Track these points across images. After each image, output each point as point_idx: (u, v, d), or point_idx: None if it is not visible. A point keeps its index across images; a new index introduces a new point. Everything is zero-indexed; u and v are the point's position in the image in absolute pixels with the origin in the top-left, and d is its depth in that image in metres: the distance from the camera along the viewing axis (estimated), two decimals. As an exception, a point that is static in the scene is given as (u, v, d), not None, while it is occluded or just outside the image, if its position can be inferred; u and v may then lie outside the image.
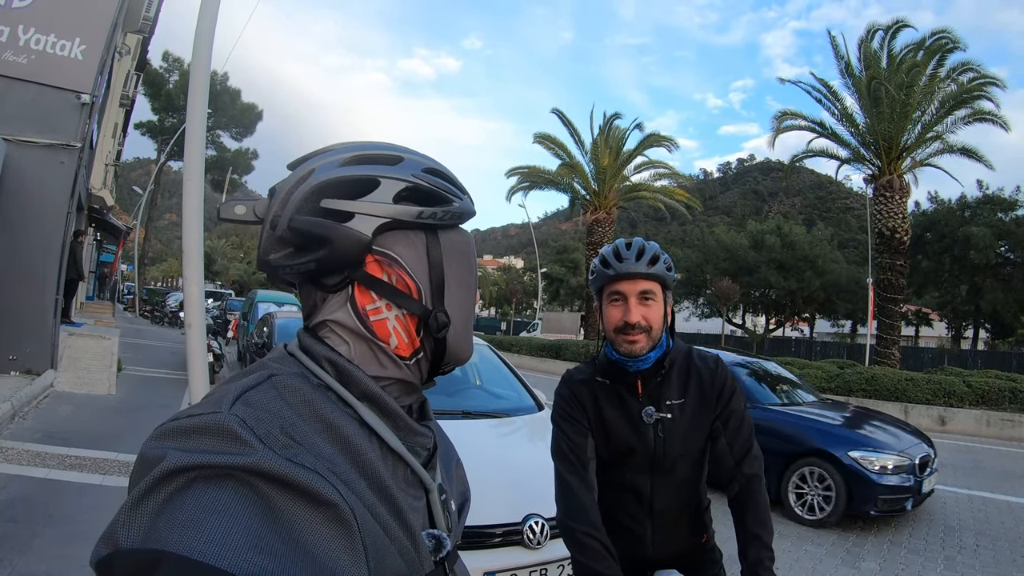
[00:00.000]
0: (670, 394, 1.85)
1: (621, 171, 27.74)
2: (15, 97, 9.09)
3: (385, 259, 0.78)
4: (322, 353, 0.76)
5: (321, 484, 0.59)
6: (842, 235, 46.39)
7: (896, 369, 16.77)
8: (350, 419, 0.72)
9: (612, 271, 1.79)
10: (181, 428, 0.60)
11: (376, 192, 0.77)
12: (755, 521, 1.77)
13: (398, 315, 0.79)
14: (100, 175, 20.88)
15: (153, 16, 17.54)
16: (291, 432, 0.63)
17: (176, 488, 0.55)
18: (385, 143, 0.84)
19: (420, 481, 0.78)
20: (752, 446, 1.86)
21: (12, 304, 8.91)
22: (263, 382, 0.69)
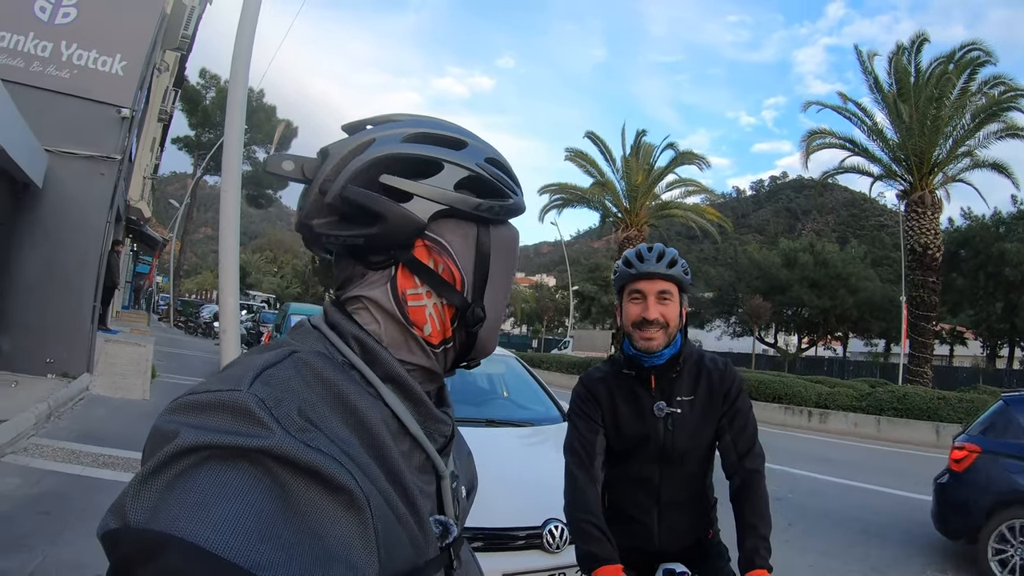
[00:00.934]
0: (681, 391, 1.96)
1: (652, 189, 27.69)
2: (57, 110, 9.46)
3: (436, 246, 0.76)
4: (350, 330, 0.74)
5: (337, 469, 0.57)
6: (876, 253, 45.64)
7: (928, 388, 16.45)
8: (371, 400, 0.70)
9: (634, 270, 1.93)
10: (198, 403, 0.58)
11: (438, 176, 0.75)
12: (753, 512, 1.86)
13: (437, 303, 0.77)
14: (138, 187, 21.44)
15: (191, 34, 18.03)
16: (309, 414, 0.61)
17: (188, 465, 0.53)
18: (450, 123, 0.82)
19: (434, 467, 0.77)
20: (755, 444, 1.97)
21: (51, 309, 9.21)
22: (284, 359, 0.66)
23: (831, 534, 6.31)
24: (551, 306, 67.36)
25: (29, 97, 8.87)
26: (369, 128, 0.79)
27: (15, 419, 6.20)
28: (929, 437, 13.43)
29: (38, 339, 9.07)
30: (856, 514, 7.05)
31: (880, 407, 14.59)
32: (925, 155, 18.75)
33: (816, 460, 10.37)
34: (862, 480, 8.89)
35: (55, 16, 9.56)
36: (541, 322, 66.74)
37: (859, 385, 17.01)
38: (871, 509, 7.31)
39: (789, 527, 6.29)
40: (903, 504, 7.63)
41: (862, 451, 12.22)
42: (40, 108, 9.07)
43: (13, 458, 5.69)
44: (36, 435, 6.45)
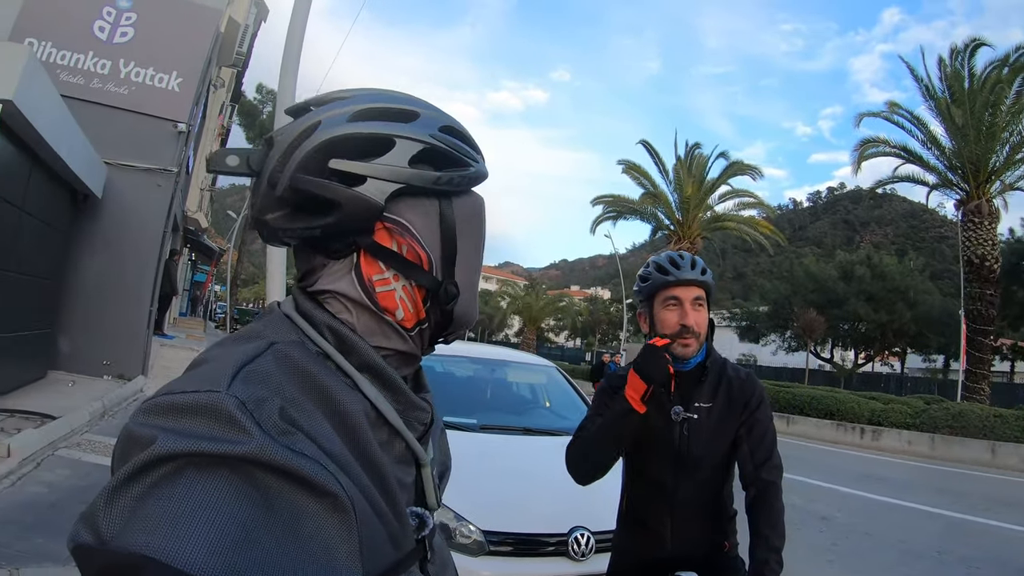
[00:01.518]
0: (701, 397, 1.96)
1: (705, 200, 27.28)
2: (116, 125, 9.96)
3: (396, 227, 0.73)
4: (323, 320, 0.71)
5: (320, 473, 0.56)
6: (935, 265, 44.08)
7: (985, 405, 15.83)
8: (349, 391, 0.68)
9: (672, 277, 1.92)
10: (175, 405, 0.56)
11: (390, 154, 0.71)
12: (767, 523, 1.84)
13: (406, 285, 0.74)
14: (196, 199, 22.16)
15: (246, 51, 18.62)
16: (291, 413, 0.59)
17: (164, 474, 0.51)
18: (400, 94, 0.78)
19: (413, 456, 0.75)
20: (773, 455, 1.94)
21: (109, 314, 9.67)
22: (263, 352, 0.64)
23: (874, 555, 6.13)
24: (604, 319, 66.92)
25: (89, 112, 9.36)
26: (313, 110, 0.74)
27: (69, 416, 6.51)
28: (984, 456, 12.96)
29: (96, 342, 9.52)
30: (901, 535, 6.81)
31: (935, 425, 14.15)
32: (981, 162, 18.10)
33: (866, 479, 10.06)
34: (911, 500, 8.60)
35: (113, 35, 10.08)
36: (594, 335, 66.33)
37: (914, 402, 16.48)
38: (919, 530, 7.06)
39: (833, 547, 6.15)
40: (952, 526, 7.36)
41: (914, 470, 11.82)
42: (100, 123, 9.56)
43: (66, 451, 5.96)
44: (89, 431, 6.75)
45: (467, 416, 4.03)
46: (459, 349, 5.33)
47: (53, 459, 5.68)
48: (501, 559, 2.94)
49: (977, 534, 7.04)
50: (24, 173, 7.28)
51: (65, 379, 8.69)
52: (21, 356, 7.95)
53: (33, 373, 8.49)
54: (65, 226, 9.26)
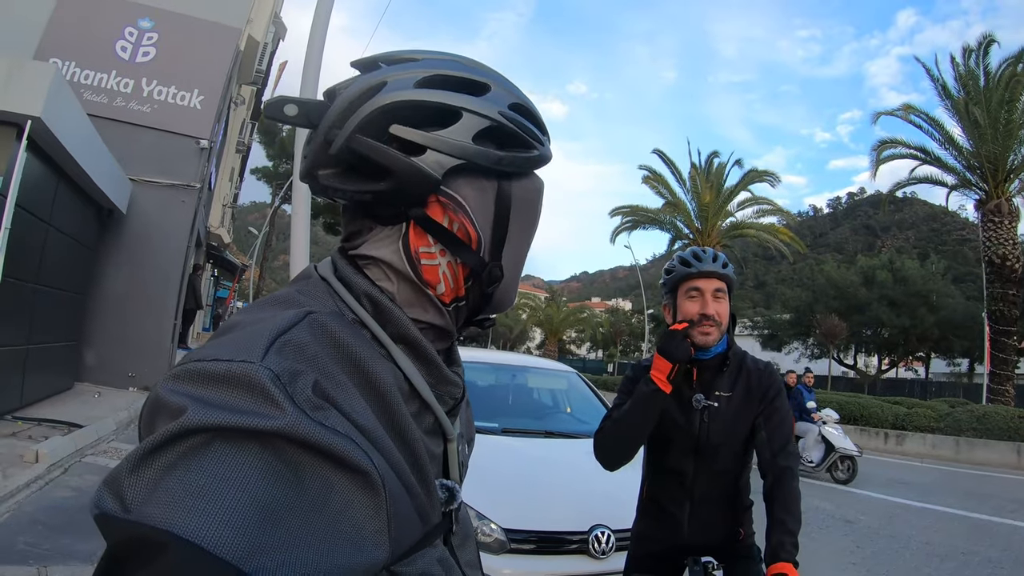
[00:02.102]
0: (721, 386, 2.03)
1: (724, 208, 27.21)
2: (139, 142, 10.19)
3: (451, 203, 0.71)
4: (362, 287, 0.71)
5: (353, 450, 0.55)
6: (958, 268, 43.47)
7: (1010, 407, 15.61)
8: (382, 362, 0.67)
9: (694, 268, 2.02)
10: (207, 373, 0.54)
11: (455, 126, 0.68)
12: (783, 508, 1.89)
13: (451, 262, 0.72)
14: (218, 215, 22.45)
15: (265, 69, 18.95)
16: (325, 387, 0.58)
17: (193, 446, 0.50)
18: (473, 62, 0.76)
19: (442, 430, 0.74)
20: (789, 442, 2.01)
21: (134, 327, 9.85)
22: (299, 322, 0.62)
23: (898, 557, 6.07)
24: (626, 330, 66.66)
25: (113, 130, 9.57)
26: (382, 68, 0.72)
27: (96, 424, 6.65)
28: (1010, 458, 12.81)
29: (121, 354, 9.70)
30: (926, 537, 6.74)
31: (959, 427, 13.97)
32: (999, 161, 17.92)
33: (891, 483, 9.95)
34: (936, 503, 8.50)
35: (135, 55, 10.34)
36: (616, 346, 66.09)
37: (938, 405, 16.26)
38: (944, 532, 6.98)
39: (857, 549, 6.10)
40: (978, 528, 7.27)
41: (939, 473, 11.68)
42: (124, 140, 9.78)
43: (93, 458, 6.10)
44: (116, 440, 6.90)
45: (489, 420, 4.08)
46: (481, 356, 5.38)
47: (80, 465, 5.82)
48: (523, 557, 2.97)
49: (1004, 535, 6.94)
50: (51, 189, 7.47)
51: (91, 390, 8.86)
52: (48, 368, 8.11)
53: (60, 384, 8.66)
54: (91, 241, 9.47)
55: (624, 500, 2.49)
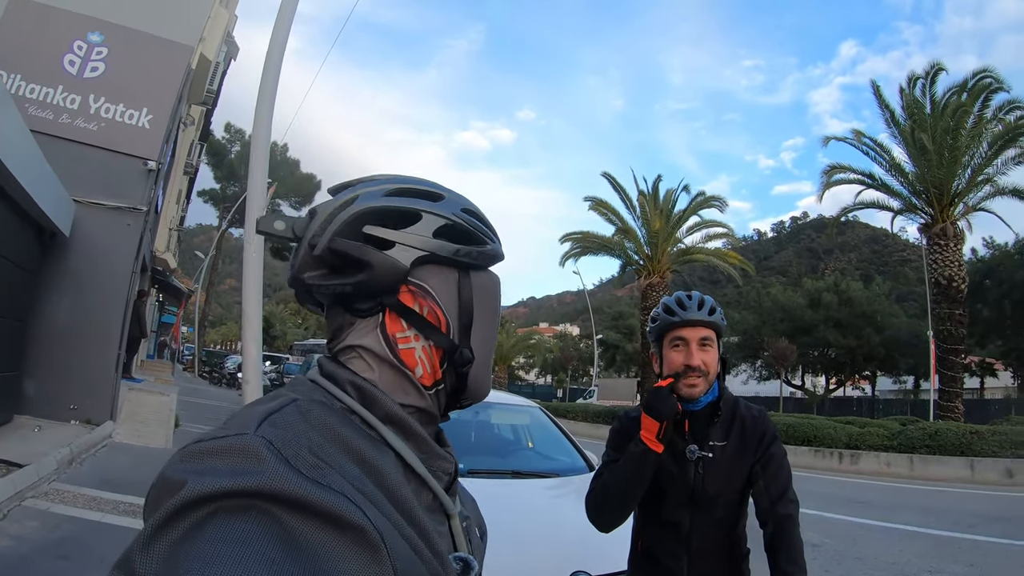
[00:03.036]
0: (714, 436, 1.97)
1: (673, 234, 27.58)
2: (85, 162, 9.76)
3: (419, 290, 0.79)
4: (345, 377, 0.76)
5: (347, 507, 0.58)
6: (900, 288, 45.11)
7: (960, 423, 16.08)
8: (374, 442, 0.71)
9: (678, 318, 1.95)
10: (206, 449, 0.59)
11: (417, 225, 0.78)
12: (787, 560, 1.84)
13: (425, 346, 0.79)
14: (164, 239, 21.86)
15: (216, 89, 18.56)
16: (318, 452, 0.62)
17: (197, 520, 0.53)
18: (427, 180, 0.86)
19: (442, 506, 0.78)
20: (788, 490, 1.96)
21: (76, 357, 9.34)
22: (287, 405, 0.68)
23: (868, 579, 6.10)
24: (574, 355, 67.05)
25: (58, 148, 9.17)
26: (353, 188, 0.83)
27: (37, 464, 6.23)
28: (964, 473, 13.11)
29: (63, 385, 9.17)
30: (894, 557, 6.80)
31: (912, 445, 14.25)
32: (944, 186, 18.61)
33: (850, 503, 10.08)
34: (898, 521, 8.61)
35: (84, 70, 9.94)
36: (565, 371, 66.38)
37: (890, 424, 16.63)
38: (909, 551, 7.06)
39: (826, 573, 6.10)
40: (941, 545, 7.37)
41: (896, 491, 11.87)
42: (68, 159, 9.37)
43: (33, 502, 5.69)
44: (57, 480, 6.47)
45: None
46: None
47: (20, 510, 5.42)
48: (498, 613, 2.83)
49: (967, 551, 7.06)
50: (-12, 210, 7.06)
51: (31, 424, 8.35)
52: (-16, 401, 7.61)
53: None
54: (32, 265, 8.98)
55: (602, 542, 2.37)
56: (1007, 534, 7.73)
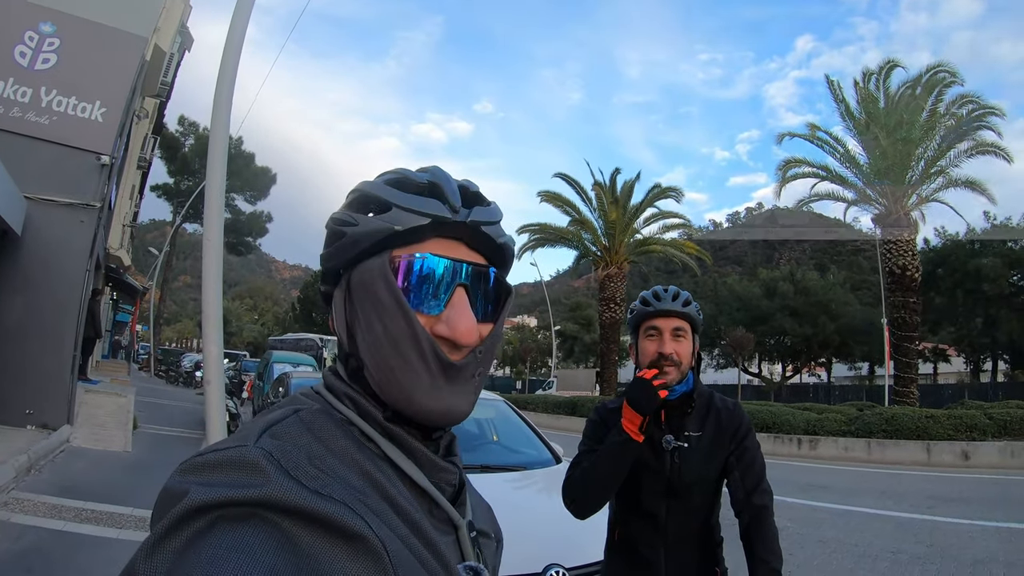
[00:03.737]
0: (690, 426, 2.02)
1: (630, 225, 27.72)
2: (37, 157, 9.42)
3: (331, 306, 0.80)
4: (342, 389, 0.75)
5: (349, 516, 0.57)
6: (855, 277, 46.20)
7: (916, 407, 16.51)
8: (372, 455, 0.70)
9: (651, 308, 2.02)
10: (207, 462, 0.59)
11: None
12: (764, 548, 1.91)
13: None
14: (117, 236, 21.27)
15: (170, 81, 18.12)
16: (319, 463, 0.62)
17: (199, 528, 0.53)
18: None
19: (448, 517, 0.75)
20: (763, 480, 2.03)
21: (30, 359, 9.04)
22: (289, 416, 0.68)
23: (831, 562, 6.24)
24: (533, 347, 67.24)
25: (8, 143, 8.88)
26: None
27: (-6, 472, 6.03)
28: (920, 456, 13.53)
29: (17, 389, 8.88)
30: (855, 539, 6.99)
31: (869, 430, 14.65)
32: (899, 178, 19.12)
33: (810, 488, 10.31)
34: (857, 504, 8.86)
35: (35, 62, 9.58)
36: (524, 363, 66.58)
37: (847, 409, 17.05)
38: (870, 533, 7.27)
39: (790, 557, 6.19)
40: (901, 526, 7.59)
41: (855, 475, 12.20)
42: (19, 154, 9.05)
43: (-8, 512, 5.51)
44: (16, 489, 6.28)
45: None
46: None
47: (-21, 521, 5.25)
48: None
49: (926, 531, 7.28)
50: (-65, 208, 6.77)
51: (-15, 431, 8.09)
52: (-65, 408, 7.32)
53: (-52, 426, 7.84)
54: (-19, 266, 8.66)
55: (575, 534, 2.40)
56: (964, 514, 8.01)
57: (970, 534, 7.19)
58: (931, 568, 5.98)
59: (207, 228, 5.59)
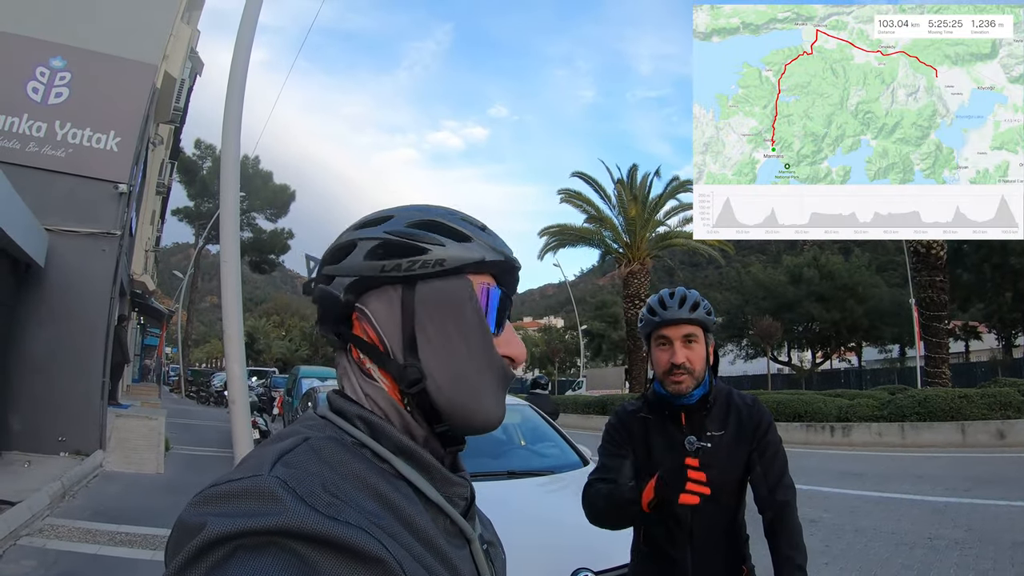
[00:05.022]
0: (711, 426, 2.01)
1: (651, 220, 27.48)
2: (55, 189, 9.62)
3: (361, 315, 0.78)
4: (353, 412, 0.76)
5: (366, 540, 0.58)
6: (880, 259, 45.32)
7: (949, 388, 16.20)
8: (386, 475, 0.71)
9: (658, 318, 2.00)
10: (222, 493, 0.59)
11: (352, 254, 0.78)
12: (788, 544, 1.89)
13: (378, 368, 0.78)
14: (141, 261, 21.62)
15: (183, 106, 18.36)
16: (333, 490, 0.63)
17: (218, 559, 0.54)
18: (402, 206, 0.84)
19: (461, 531, 0.77)
20: (784, 475, 2.01)
21: (60, 387, 9.22)
22: (299, 444, 0.68)
23: (868, 550, 6.14)
24: (561, 347, 67.11)
25: (27, 177, 9.02)
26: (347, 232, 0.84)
27: (29, 500, 6.15)
28: (955, 437, 13.26)
29: (49, 417, 9.06)
30: (891, 526, 6.87)
31: (902, 413, 14.36)
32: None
33: (845, 476, 10.18)
34: (893, 491, 8.71)
35: (47, 97, 9.78)
36: (552, 364, 66.48)
37: (879, 394, 16.77)
38: (907, 519, 7.14)
39: (827, 548, 6.13)
40: (938, 511, 7.45)
41: (889, 460, 12.01)
42: (38, 188, 9.23)
43: (28, 540, 5.62)
44: (51, 515, 6.39)
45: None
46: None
47: (16, 550, 5.35)
48: (502, 615, 2.82)
49: (964, 515, 7.14)
50: (-41, 245, 6.93)
51: (20, 459, 8.23)
52: (-30, 439, 7.48)
53: (-16, 457, 8.00)
54: (7, 298, 8.86)
55: (602, 537, 2.38)
56: (1002, 495, 7.85)
57: (1009, 515, 7.05)
58: (970, 552, 5.85)
59: (224, 253, 5.64)
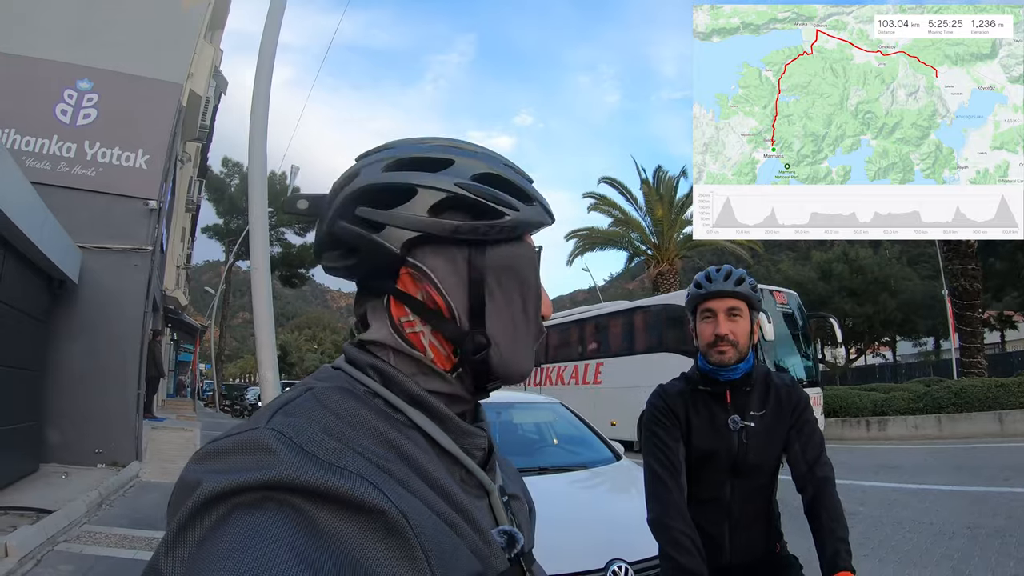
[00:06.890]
0: (753, 406, 2.04)
1: (679, 220, 27.20)
2: (87, 207, 9.87)
3: (418, 273, 0.73)
4: (366, 361, 0.73)
5: (366, 490, 0.57)
6: (911, 251, 44.48)
7: (985, 378, 15.92)
8: (398, 424, 0.69)
9: (703, 290, 2.03)
10: (219, 448, 0.59)
11: (411, 202, 0.71)
12: (830, 518, 1.90)
13: (433, 330, 0.74)
14: (172, 277, 22.00)
15: (209, 124, 18.69)
16: (337, 434, 0.61)
17: (216, 518, 0.53)
18: (440, 141, 0.79)
19: (479, 482, 0.75)
20: (823, 453, 2.03)
21: (96, 400, 9.43)
22: (302, 394, 0.67)
23: (907, 542, 6.03)
24: (591, 352, 66.77)
25: (59, 197, 9.24)
26: (363, 159, 0.78)
27: (66, 508, 6.28)
28: (993, 427, 13.04)
29: (85, 430, 9.27)
30: (931, 517, 6.74)
31: (939, 405, 14.15)
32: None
33: (882, 469, 10.01)
34: (931, 482, 8.55)
35: (76, 118, 10.06)
36: (585, 370, 66.11)
37: (914, 386, 16.46)
38: (945, 510, 7.00)
39: (866, 540, 6.04)
40: (977, 501, 7.31)
41: (926, 453, 11.77)
42: (70, 206, 9.45)
43: (66, 546, 5.73)
44: (88, 522, 6.52)
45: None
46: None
47: (54, 555, 5.45)
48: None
49: (1004, 504, 7.00)
50: (-4, 263, 7.13)
51: (58, 471, 8.43)
52: (10, 451, 7.67)
53: (24, 468, 8.20)
54: (43, 314, 9.08)
55: (636, 527, 2.38)
56: (1042, 483, 7.66)
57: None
58: (1011, 540, 5.72)
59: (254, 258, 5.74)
